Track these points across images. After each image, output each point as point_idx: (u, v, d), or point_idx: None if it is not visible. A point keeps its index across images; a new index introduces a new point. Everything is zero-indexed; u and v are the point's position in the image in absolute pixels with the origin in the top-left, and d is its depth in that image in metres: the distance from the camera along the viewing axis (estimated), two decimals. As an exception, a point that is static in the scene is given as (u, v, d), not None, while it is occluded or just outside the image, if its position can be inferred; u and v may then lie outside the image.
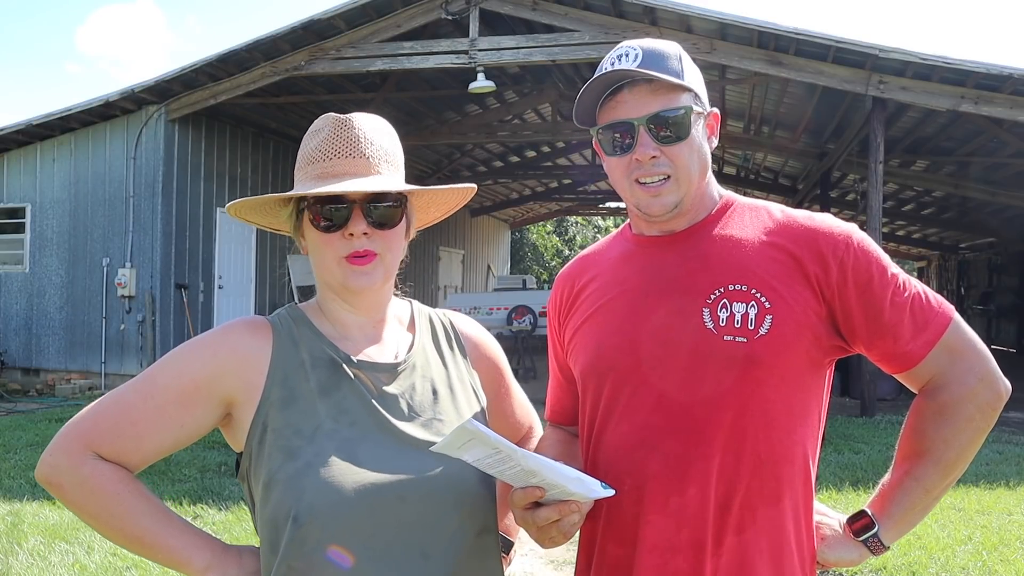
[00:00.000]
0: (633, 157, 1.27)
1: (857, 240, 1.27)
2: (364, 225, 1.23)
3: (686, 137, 1.27)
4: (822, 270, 1.25)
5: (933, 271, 25.90)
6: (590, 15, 9.27)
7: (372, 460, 1.18)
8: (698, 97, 1.30)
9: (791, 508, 1.25)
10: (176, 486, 5.86)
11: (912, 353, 1.26)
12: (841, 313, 1.25)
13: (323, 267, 1.26)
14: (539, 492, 1.13)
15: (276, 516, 1.16)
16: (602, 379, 1.33)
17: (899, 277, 1.27)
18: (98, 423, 1.20)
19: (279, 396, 1.21)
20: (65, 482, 1.18)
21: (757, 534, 1.22)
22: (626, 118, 1.27)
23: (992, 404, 1.27)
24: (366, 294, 1.28)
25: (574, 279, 1.47)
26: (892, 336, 1.26)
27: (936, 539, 4.69)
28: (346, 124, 1.26)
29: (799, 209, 1.36)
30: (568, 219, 34.79)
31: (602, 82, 1.28)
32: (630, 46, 1.30)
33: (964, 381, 1.25)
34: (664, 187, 1.27)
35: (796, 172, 16.81)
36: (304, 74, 10.29)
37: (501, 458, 1.08)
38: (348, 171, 1.23)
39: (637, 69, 1.25)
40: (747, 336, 1.22)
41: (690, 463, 1.22)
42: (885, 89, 8.56)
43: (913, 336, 1.26)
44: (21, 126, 11.05)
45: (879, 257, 1.28)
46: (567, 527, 1.17)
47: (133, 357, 10.94)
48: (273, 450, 1.18)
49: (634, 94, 1.27)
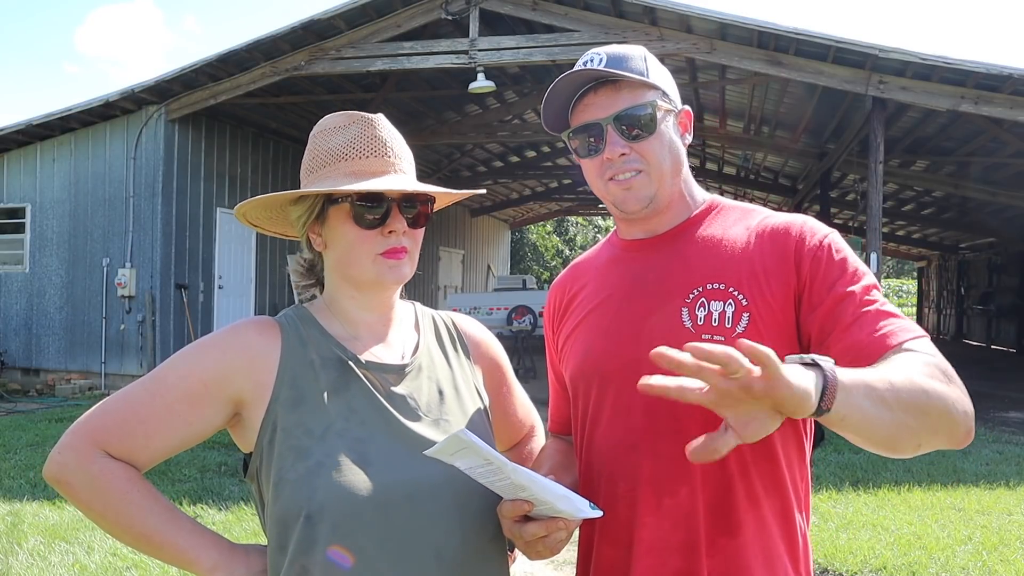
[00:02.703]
0: (604, 156, 1.29)
1: (834, 241, 1.25)
2: (404, 224, 1.26)
3: (653, 132, 1.28)
4: (797, 263, 1.24)
5: (933, 271, 25.88)
6: (590, 15, 9.27)
7: (382, 460, 1.19)
8: (666, 95, 1.32)
9: (782, 508, 1.25)
10: (176, 486, 5.86)
11: (881, 342, 1.13)
12: (808, 302, 1.21)
13: (354, 264, 1.27)
14: (527, 506, 1.13)
15: (286, 515, 1.16)
16: (590, 383, 1.34)
17: (871, 287, 1.20)
18: (107, 421, 1.20)
19: (289, 396, 1.21)
20: (74, 480, 1.18)
21: (750, 535, 1.22)
22: (593, 119, 1.29)
23: (965, 439, 1.11)
24: (392, 289, 1.32)
25: (566, 287, 1.49)
26: (860, 324, 1.16)
27: (936, 539, 4.69)
28: (373, 123, 1.28)
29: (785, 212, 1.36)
30: (568, 219, 34.82)
31: (568, 86, 1.30)
32: (595, 52, 1.32)
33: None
34: (636, 180, 1.29)
35: (796, 172, 16.81)
36: (304, 74, 10.29)
37: (492, 469, 1.09)
38: (380, 170, 1.26)
39: (603, 69, 1.27)
40: (724, 334, 1.23)
41: (680, 464, 1.22)
42: (885, 89, 8.56)
43: (881, 328, 1.15)
44: (21, 126, 11.06)
45: (853, 261, 1.24)
46: (553, 543, 1.17)
47: (133, 357, 10.94)
48: (283, 450, 1.18)
49: (599, 96, 1.29)
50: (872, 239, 8.87)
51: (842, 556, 4.44)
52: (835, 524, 5.01)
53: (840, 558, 4.42)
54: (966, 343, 21.62)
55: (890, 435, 1.03)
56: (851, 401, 0.96)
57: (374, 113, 1.31)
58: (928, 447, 1.09)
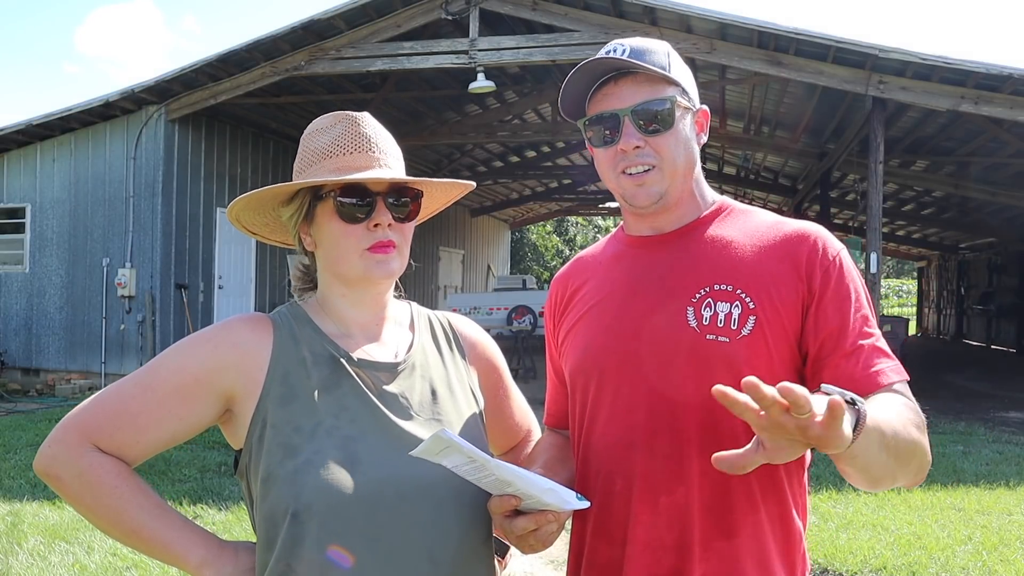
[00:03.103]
0: (618, 148, 1.29)
1: (845, 259, 1.27)
2: (389, 217, 1.25)
3: (671, 128, 1.28)
4: (809, 273, 1.24)
5: (933, 271, 25.89)
6: (590, 15, 9.27)
7: (372, 458, 1.18)
8: (685, 92, 1.31)
9: (780, 512, 1.25)
10: (176, 486, 5.86)
11: (873, 379, 1.18)
12: (816, 318, 1.22)
13: (342, 259, 1.27)
14: (515, 501, 1.13)
15: (274, 512, 1.16)
16: (589, 378, 1.33)
17: (868, 318, 1.24)
18: (97, 415, 1.20)
19: (279, 393, 1.21)
20: (63, 473, 1.18)
21: (746, 538, 1.22)
22: (611, 109, 1.29)
23: (921, 480, 1.20)
24: (380, 285, 1.30)
25: (568, 281, 1.48)
26: (856, 357, 1.20)
27: (936, 539, 4.69)
28: (359, 121, 1.28)
29: (793, 218, 1.36)
30: (568, 219, 34.80)
31: (588, 73, 1.30)
32: (619, 43, 1.32)
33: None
34: (648, 176, 1.28)
35: (796, 172, 16.81)
36: (304, 74, 10.29)
37: (476, 467, 1.09)
38: (365, 165, 1.26)
39: (622, 59, 1.27)
40: (729, 336, 1.22)
41: (677, 462, 1.23)
42: (885, 89, 8.56)
43: (875, 365, 1.19)
44: (21, 126, 11.06)
45: (860, 285, 1.27)
46: (545, 536, 1.17)
47: (133, 357, 10.94)
48: (272, 446, 1.18)
49: (620, 86, 1.29)
50: (872, 239, 8.87)
51: (842, 556, 4.44)
52: (835, 524, 5.01)
53: (840, 558, 4.42)
54: (966, 343, 21.62)
55: (880, 475, 1.11)
56: (867, 443, 1.01)
57: (374, 113, 1.32)
58: (895, 485, 1.18)
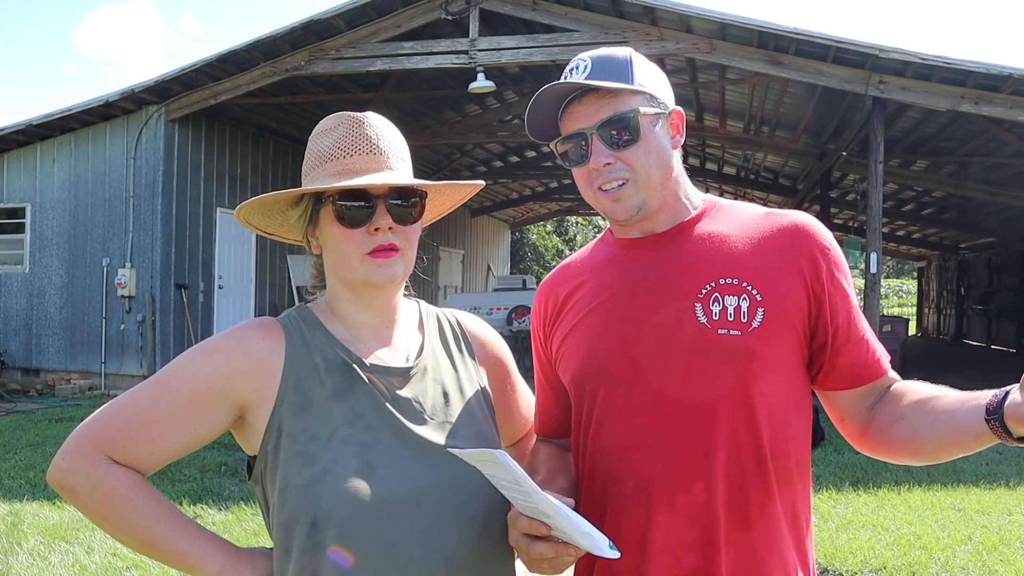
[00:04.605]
0: (589, 167, 1.28)
1: (839, 249, 1.33)
2: (390, 220, 1.23)
3: (638, 139, 1.27)
4: (812, 264, 1.27)
5: (933, 271, 25.87)
6: (590, 15, 9.27)
7: (388, 465, 1.18)
8: (653, 98, 1.30)
9: (791, 503, 1.26)
10: (176, 486, 5.86)
11: (880, 364, 1.31)
12: (829, 307, 1.27)
13: (344, 264, 1.25)
14: (544, 529, 1.12)
15: (292, 521, 1.15)
16: (595, 383, 1.32)
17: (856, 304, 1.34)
18: (111, 427, 1.19)
19: (293, 400, 1.21)
20: (78, 486, 1.18)
21: (762, 529, 1.23)
22: (578, 129, 1.28)
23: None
24: (386, 290, 1.28)
25: (558, 288, 1.45)
26: (863, 343, 1.30)
27: (936, 539, 4.69)
28: (362, 121, 1.26)
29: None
30: (568, 219, 34.80)
31: (551, 96, 1.29)
32: (581, 58, 1.31)
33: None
34: (623, 191, 1.28)
35: (796, 172, 16.80)
36: (304, 74, 10.30)
37: (519, 490, 1.07)
38: (368, 167, 1.24)
39: (583, 81, 1.26)
40: (741, 329, 1.23)
41: (694, 460, 1.22)
42: (885, 89, 8.56)
43: (877, 351, 1.32)
44: (21, 126, 11.06)
45: (848, 272, 1.34)
46: (558, 564, 1.16)
47: (133, 357, 10.95)
48: (289, 455, 1.18)
49: (584, 104, 1.28)
50: (872, 239, 8.87)
51: (842, 556, 4.44)
52: (835, 524, 5.01)
53: (840, 558, 4.42)
54: (966, 343, 21.61)
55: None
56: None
57: (374, 113, 1.30)
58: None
